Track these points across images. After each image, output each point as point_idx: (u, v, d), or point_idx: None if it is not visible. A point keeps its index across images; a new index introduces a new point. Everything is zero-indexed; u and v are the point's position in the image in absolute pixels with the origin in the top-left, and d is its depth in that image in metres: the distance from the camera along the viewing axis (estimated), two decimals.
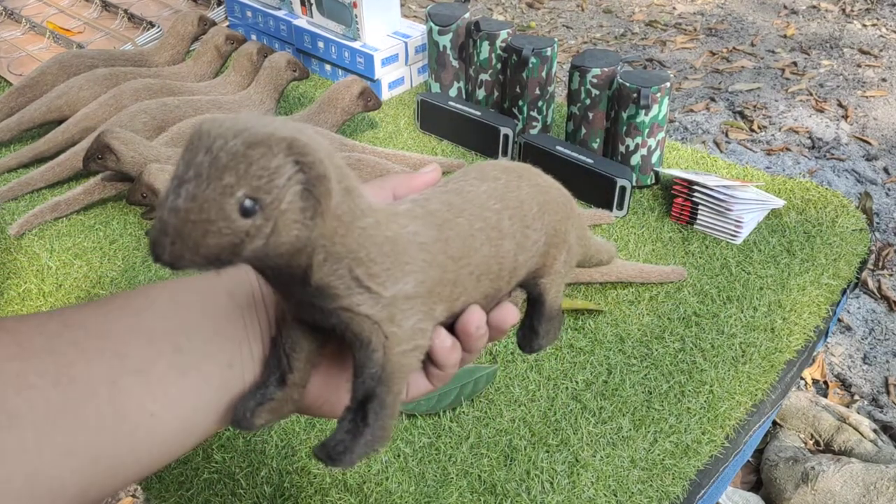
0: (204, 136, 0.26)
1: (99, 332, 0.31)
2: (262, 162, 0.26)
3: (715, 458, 0.67)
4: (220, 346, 0.33)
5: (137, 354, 0.31)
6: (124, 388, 0.30)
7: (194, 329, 0.33)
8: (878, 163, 2.03)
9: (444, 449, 0.66)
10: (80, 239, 0.91)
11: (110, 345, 0.30)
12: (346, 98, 0.99)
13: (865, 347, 1.51)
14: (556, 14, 2.95)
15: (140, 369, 0.30)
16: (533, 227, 0.38)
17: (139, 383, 0.30)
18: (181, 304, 0.33)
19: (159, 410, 0.31)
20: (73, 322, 0.31)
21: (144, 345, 0.31)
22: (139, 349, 0.31)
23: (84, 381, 0.29)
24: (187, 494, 0.76)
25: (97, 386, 0.29)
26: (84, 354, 0.29)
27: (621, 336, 0.76)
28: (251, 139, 0.26)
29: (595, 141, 0.98)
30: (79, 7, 1.36)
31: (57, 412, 0.28)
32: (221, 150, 0.26)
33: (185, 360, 0.32)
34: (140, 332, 0.31)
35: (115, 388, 0.29)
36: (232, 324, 0.34)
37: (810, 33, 2.71)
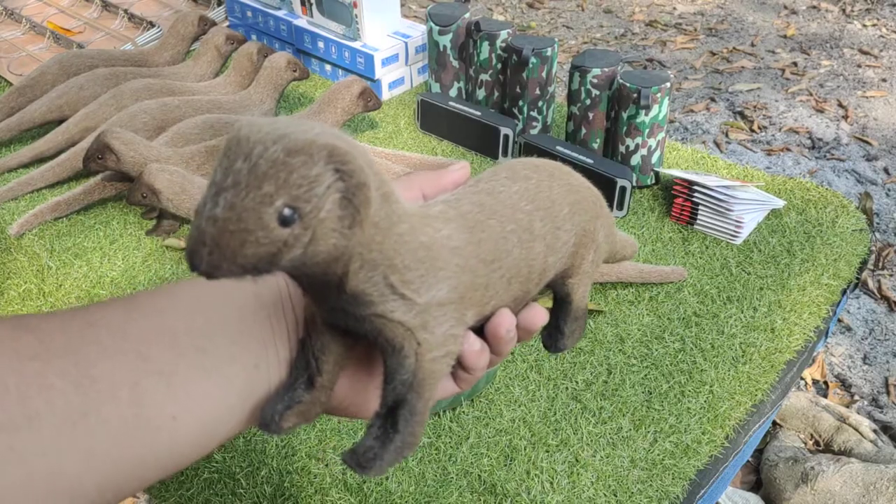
0: (242, 142, 0.26)
1: (122, 331, 0.30)
2: (303, 170, 0.25)
3: (715, 458, 0.67)
4: (246, 347, 0.32)
5: (160, 355, 0.30)
6: (146, 390, 0.29)
7: (219, 330, 0.32)
8: (878, 163, 2.03)
9: (444, 449, 0.66)
10: (81, 239, 0.91)
11: (133, 345, 0.30)
12: (347, 98, 0.98)
13: (865, 348, 1.51)
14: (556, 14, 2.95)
15: (162, 371, 0.30)
16: (563, 228, 0.37)
17: (161, 385, 0.30)
18: (206, 304, 0.33)
19: (181, 413, 0.30)
20: (96, 321, 0.30)
21: (167, 346, 0.31)
22: (162, 350, 0.30)
23: (106, 382, 0.29)
24: (187, 494, 0.76)
25: (119, 387, 0.29)
26: (106, 354, 0.29)
27: (621, 336, 0.76)
28: (291, 146, 0.25)
29: (595, 141, 0.98)
30: (79, 7, 1.36)
31: (77, 413, 0.28)
32: (261, 158, 0.25)
33: (208, 361, 0.31)
34: (163, 333, 0.31)
35: (136, 389, 0.29)
36: (258, 324, 0.33)
37: (810, 33, 2.71)
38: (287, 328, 0.34)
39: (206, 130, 0.94)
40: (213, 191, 0.25)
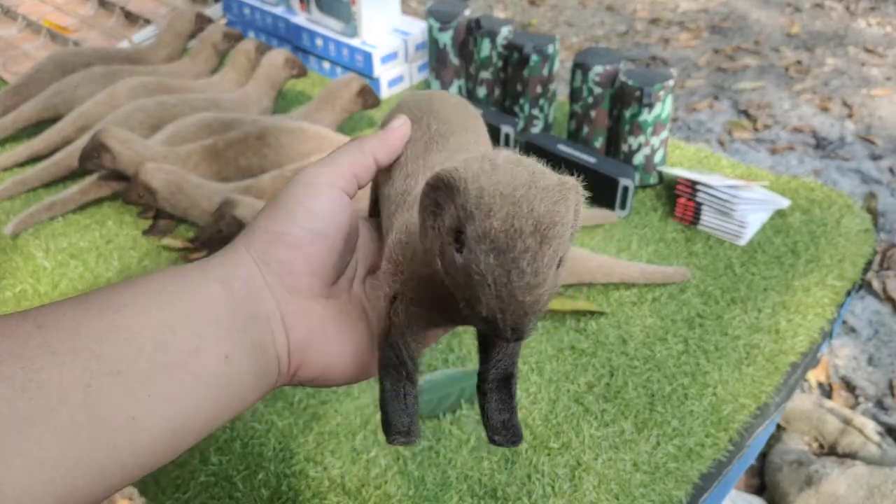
0: (508, 199, 0.25)
1: (74, 331, 0.28)
2: (567, 217, 0.26)
3: (718, 461, 0.65)
4: (213, 337, 0.31)
5: (114, 354, 0.28)
6: (100, 391, 0.28)
7: (181, 322, 0.30)
8: (883, 162, 2.01)
9: (443, 452, 0.65)
10: (76, 239, 0.90)
11: (85, 344, 0.28)
12: (345, 96, 0.98)
13: (870, 349, 1.50)
14: (557, 11, 2.94)
15: (117, 370, 0.28)
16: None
17: (117, 385, 0.28)
18: (169, 296, 0.31)
19: (141, 413, 0.28)
20: (47, 322, 0.29)
21: (123, 342, 0.29)
22: (116, 348, 0.29)
23: (54, 387, 0.27)
24: (184, 497, 0.76)
25: (69, 390, 0.27)
26: (55, 357, 0.27)
27: (624, 338, 0.75)
28: (555, 197, 0.26)
29: (597, 140, 0.97)
30: (75, 4, 1.35)
31: (24, 421, 0.26)
32: (542, 218, 0.25)
33: (169, 357, 0.29)
34: (119, 329, 0.29)
35: (89, 391, 0.27)
36: (229, 314, 0.32)
37: (815, 31, 2.69)
38: (264, 316, 0.33)
39: (203, 129, 0.93)
40: (509, 259, 0.25)
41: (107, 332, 0.29)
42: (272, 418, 0.69)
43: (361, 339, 0.36)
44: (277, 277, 0.34)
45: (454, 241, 0.27)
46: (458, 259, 0.26)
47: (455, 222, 0.27)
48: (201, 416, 0.31)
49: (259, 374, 0.33)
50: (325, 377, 0.35)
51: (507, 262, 0.25)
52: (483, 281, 0.25)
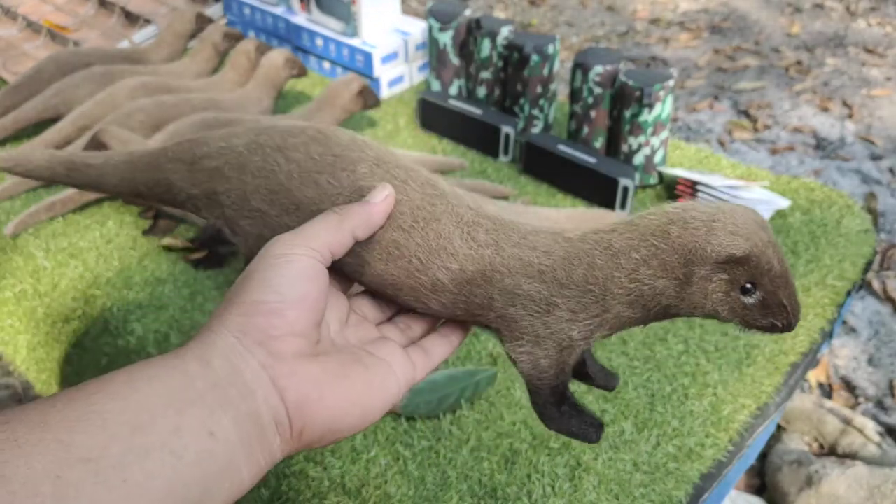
0: (774, 247, 0.37)
1: (41, 422, 0.27)
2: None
3: (718, 461, 0.65)
4: (196, 414, 0.30)
5: (84, 441, 0.27)
6: (71, 482, 0.26)
7: (158, 403, 0.29)
8: (883, 162, 2.01)
9: (443, 452, 0.65)
10: (76, 239, 0.90)
11: (53, 435, 0.27)
12: (346, 96, 0.97)
13: (870, 349, 1.50)
14: (557, 11, 2.94)
15: (88, 458, 0.27)
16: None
17: (88, 473, 0.27)
18: (143, 381, 0.30)
19: (117, 500, 0.27)
20: (13, 417, 0.27)
21: (95, 430, 0.28)
22: (87, 434, 0.27)
23: (22, 480, 0.26)
24: None
25: (38, 483, 0.26)
26: (21, 449, 0.26)
27: (623, 338, 0.75)
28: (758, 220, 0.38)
29: (597, 140, 0.97)
30: (75, 4, 1.35)
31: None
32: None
33: (147, 439, 0.28)
34: (90, 416, 0.28)
35: (58, 483, 0.26)
36: (210, 389, 0.31)
37: (815, 31, 2.69)
38: (252, 389, 0.32)
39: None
40: (790, 282, 0.37)
41: (77, 420, 0.28)
42: None
43: (360, 387, 0.35)
44: (259, 345, 0.33)
45: (741, 291, 0.37)
46: (749, 300, 0.37)
47: (742, 279, 0.36)
48: (191, 495, 0.29)
49: (252, 445, 0.31)
50: (333, 432, 0.35)
51: (790, 286, 0.37)
52: (782, 303, 0.37)
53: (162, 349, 0.77)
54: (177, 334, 0.78)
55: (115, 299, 0.82)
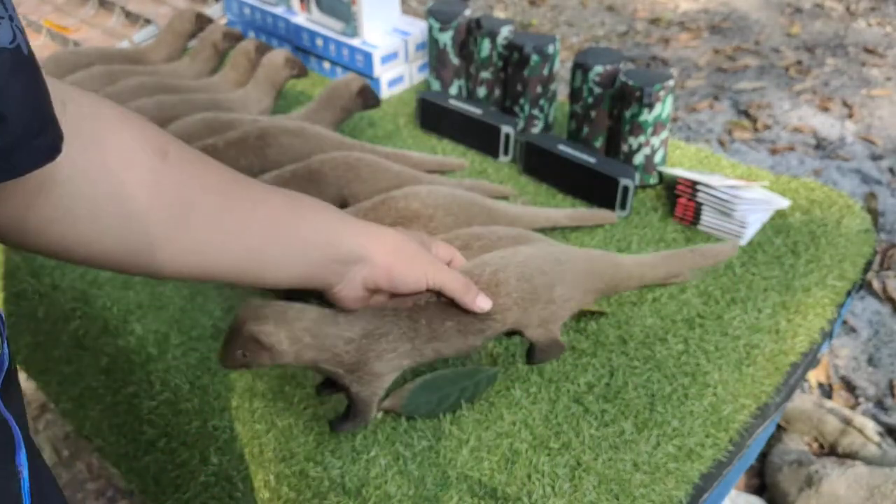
0: None
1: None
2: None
3: (718, 461, 0.65)
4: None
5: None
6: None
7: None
8: (883, 162, 2.01)
9: (443, 452, 0.65)
10: None
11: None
12: (345, 96, 0.97)
13: (870, 349, 1.50)
14: (557, 11, 2.94)
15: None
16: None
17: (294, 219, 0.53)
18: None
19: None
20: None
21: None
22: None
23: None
24: (184, 497, 0.76)
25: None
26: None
27: (624, 338, 0.75)
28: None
29: (597, 140, 0.97)
30: (75, 4, 1.35)
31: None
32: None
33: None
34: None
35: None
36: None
37: (815, 32, 2.69)
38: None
39: (203, 129, 0.93)
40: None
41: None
42: (272, 418, 0.69)
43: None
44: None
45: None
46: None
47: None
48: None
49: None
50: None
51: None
52: None
53: (162, 349, 0.77)
54: (177, 334, 0.78)
55: (115, 299, 0.82)
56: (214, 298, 0.82)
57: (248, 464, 0.68)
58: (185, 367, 0.75)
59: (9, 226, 0.38)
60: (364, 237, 0.55)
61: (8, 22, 0.29)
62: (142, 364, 0.77)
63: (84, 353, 0.85)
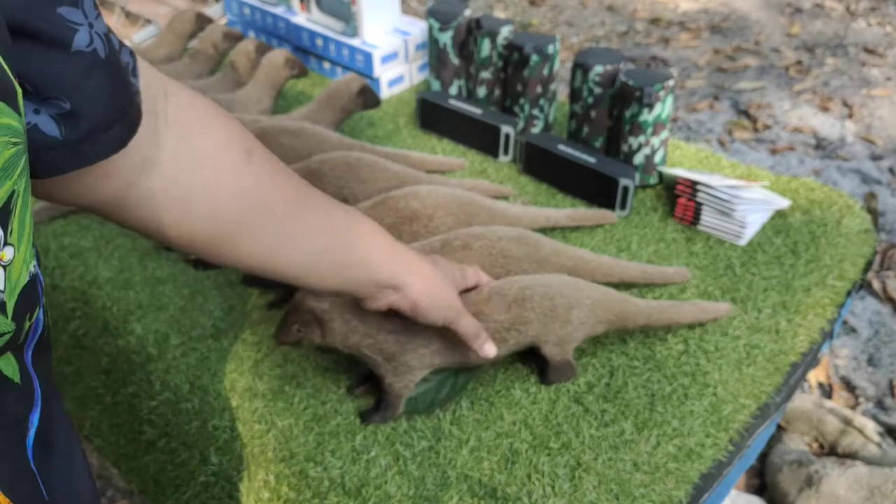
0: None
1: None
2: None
3: (718, 461, 0.65)
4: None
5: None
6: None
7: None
8: (883, 162, 2.01)
9: (443, 452, 0.65)
10: (77, 239, 0.90)
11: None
12: (345, 96, 0.97)
13: (870, 349, 1.50)
14: (557, 11, 2.94)
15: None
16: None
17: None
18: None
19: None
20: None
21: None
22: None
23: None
24: (183, 497, 0.76)
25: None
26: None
27: (623, 338, 0.75)
28: None
29: (597, 140, 0.97)
30: None
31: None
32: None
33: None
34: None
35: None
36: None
37: (815, 31, 2.69)
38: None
39: None
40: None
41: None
42: (272, 418, 0.69)
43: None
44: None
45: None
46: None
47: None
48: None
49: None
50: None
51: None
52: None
53: (162, 349, 0.77)
54: (177, 334, 0.78)
55: (115, 299, 0.82)
56: (214, 298, 0.82)
57: (248, 464, 0.68)
58: (185, 367, 0.75)
59: (114, 201, 0.42)
60: (405, 267, 0.58)
61: (87, 28, 0.34)
62: (142, 364, 0.77)
63: (84, 353, 0.85)
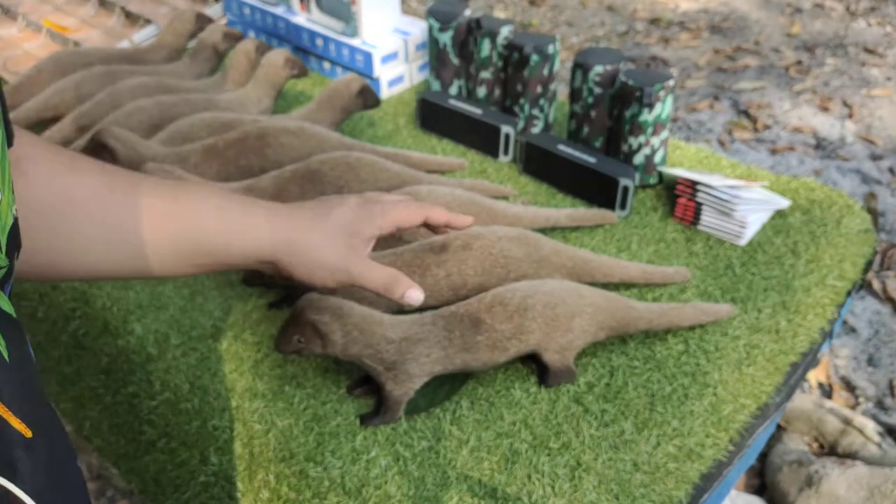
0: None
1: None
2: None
3: (718, 461, 0.65)
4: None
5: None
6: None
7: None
8: (883, 162, 2.01)
9: (443, 453, 0.65)
10: None
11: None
12: (345, 96, 0.97)
13: (870, 349, 1.50)
14: (557, 11, 2.94)
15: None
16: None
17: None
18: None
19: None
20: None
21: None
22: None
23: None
24: (183, 497, 0.76)
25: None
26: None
27: (623, 338, 0.75)
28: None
29: (597, 140, 0.97)
30: (75, 4, 1.35)
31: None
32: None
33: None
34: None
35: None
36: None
37: (815, 31, 2.69)
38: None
39: (204, 129, 0.93)
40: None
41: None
42: (272, 418, 0.69)
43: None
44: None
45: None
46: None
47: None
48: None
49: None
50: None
51: None
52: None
53: (162, 349, 0.77)
54: (177, 334, 0.78)
55: (115, 299, 0.82)
56: (214, 298, 0.82)
57: (248, 464, 0.68)
58: (185, 367, 0.75)
59: None
60: (260, 243, 0.54)
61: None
62: (142, 364, 0.77)
63: (84, 353, 0.85)
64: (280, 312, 0.79)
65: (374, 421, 0.67)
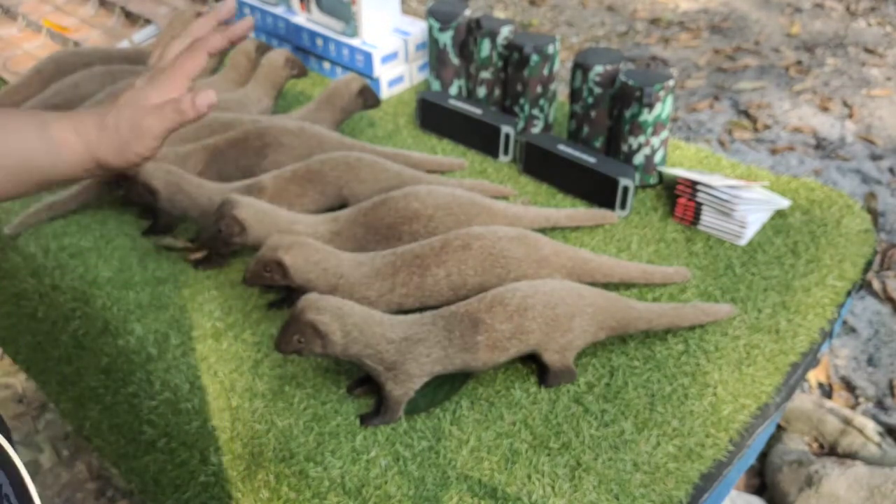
0: None
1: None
2: None
3: (718, 461, 0.65)
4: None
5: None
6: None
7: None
8: (883, 162, 2.01)
9: (443, 452, 0.65)
10: (76, 239, 0.90)
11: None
12: (345, 96, 0.97)
13: (870, 349, 1.50)
14: (557, 11, 2.94)
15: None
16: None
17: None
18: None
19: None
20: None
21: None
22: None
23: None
24: (183, 497, 0.76)
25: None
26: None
27: (624, 338, 0.75)
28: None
29: (597, 140, 0.97)
30: (75, 4, 1.35)
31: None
32: None
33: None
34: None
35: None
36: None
37: (815, 31, 2.69)
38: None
39: (203, 129, 0.93)
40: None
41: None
42: (272, 418, 0.69)
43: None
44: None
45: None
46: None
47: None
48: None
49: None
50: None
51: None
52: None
53: (162, 349, 0.77)
54: (177, 334, 0.78)
55: (115, 299, 0.82)
56: (215, 298, 0.82)
57: (248, 464, 0.68)
58: (185, 367, 0.75)
59: None
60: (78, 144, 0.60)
61: None
62: (142, 364, 0.77)
63: (84, 353, 0.85)
64: (280, 312, 0.79)
65: (374, 421, 0.67)
